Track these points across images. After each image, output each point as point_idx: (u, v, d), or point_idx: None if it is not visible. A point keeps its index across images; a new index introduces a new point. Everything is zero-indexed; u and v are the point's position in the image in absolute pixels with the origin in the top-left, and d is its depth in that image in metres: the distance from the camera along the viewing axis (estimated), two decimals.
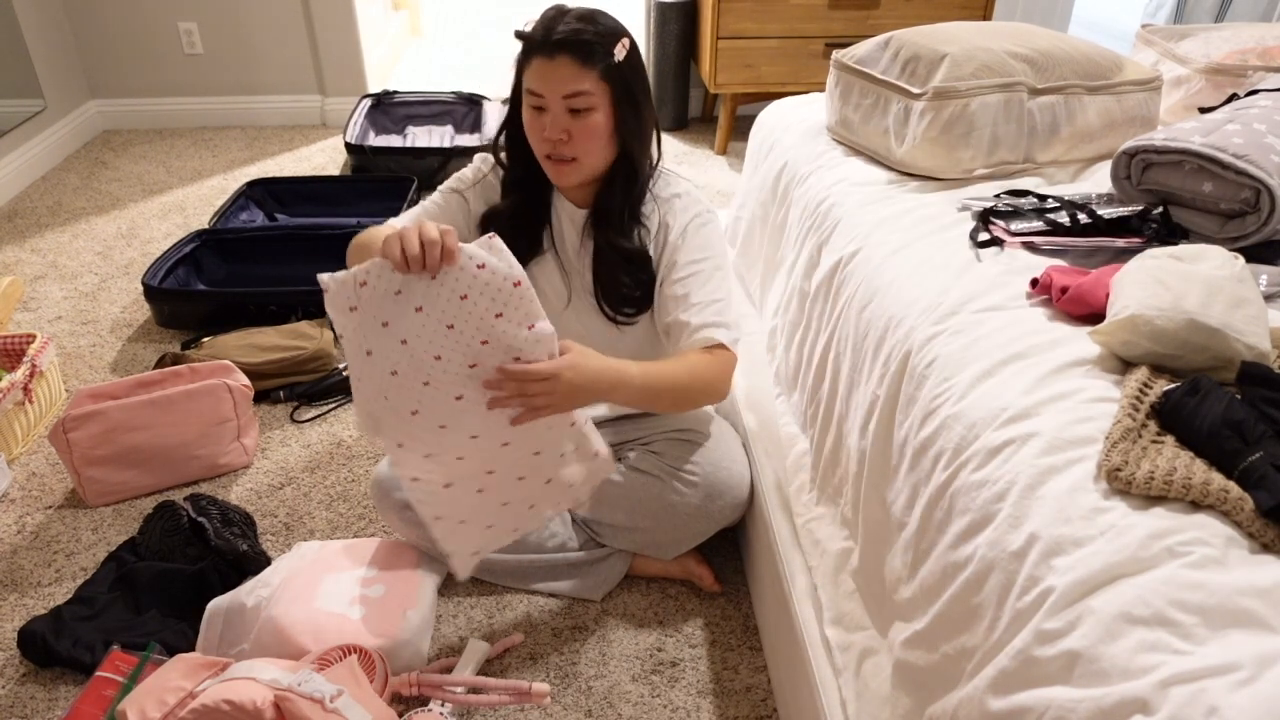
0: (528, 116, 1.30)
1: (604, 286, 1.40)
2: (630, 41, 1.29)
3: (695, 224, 1.39)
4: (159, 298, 2.23)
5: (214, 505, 1.64)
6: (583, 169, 1.32)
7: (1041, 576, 0.74)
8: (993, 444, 0.87)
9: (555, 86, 1.25)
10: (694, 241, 1.38)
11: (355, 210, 2.81)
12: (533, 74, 1.26)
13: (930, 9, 3.07)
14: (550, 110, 1.26)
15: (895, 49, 1.55)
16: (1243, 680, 0.61)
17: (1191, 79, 1.66)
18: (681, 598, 1.53)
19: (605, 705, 1.35)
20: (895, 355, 1.10)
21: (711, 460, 1.45)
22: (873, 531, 1.12)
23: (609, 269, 1.39)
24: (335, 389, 2.04)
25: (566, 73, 1.24)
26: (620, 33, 1.28)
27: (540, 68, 1.25)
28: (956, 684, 0.84)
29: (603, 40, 1.25)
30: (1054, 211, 1.26)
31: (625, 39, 1.28)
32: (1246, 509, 0.73)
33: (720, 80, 3.16)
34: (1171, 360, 0.89)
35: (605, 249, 1.39)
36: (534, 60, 1.26)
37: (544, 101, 1.26)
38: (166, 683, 1.19)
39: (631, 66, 1.29)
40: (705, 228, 1.40)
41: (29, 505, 1.74)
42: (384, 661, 1.30)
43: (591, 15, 1.27)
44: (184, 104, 3.63)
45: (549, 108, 1.26)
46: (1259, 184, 1.12)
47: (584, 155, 1.30)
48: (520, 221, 1.41)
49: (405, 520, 1.48)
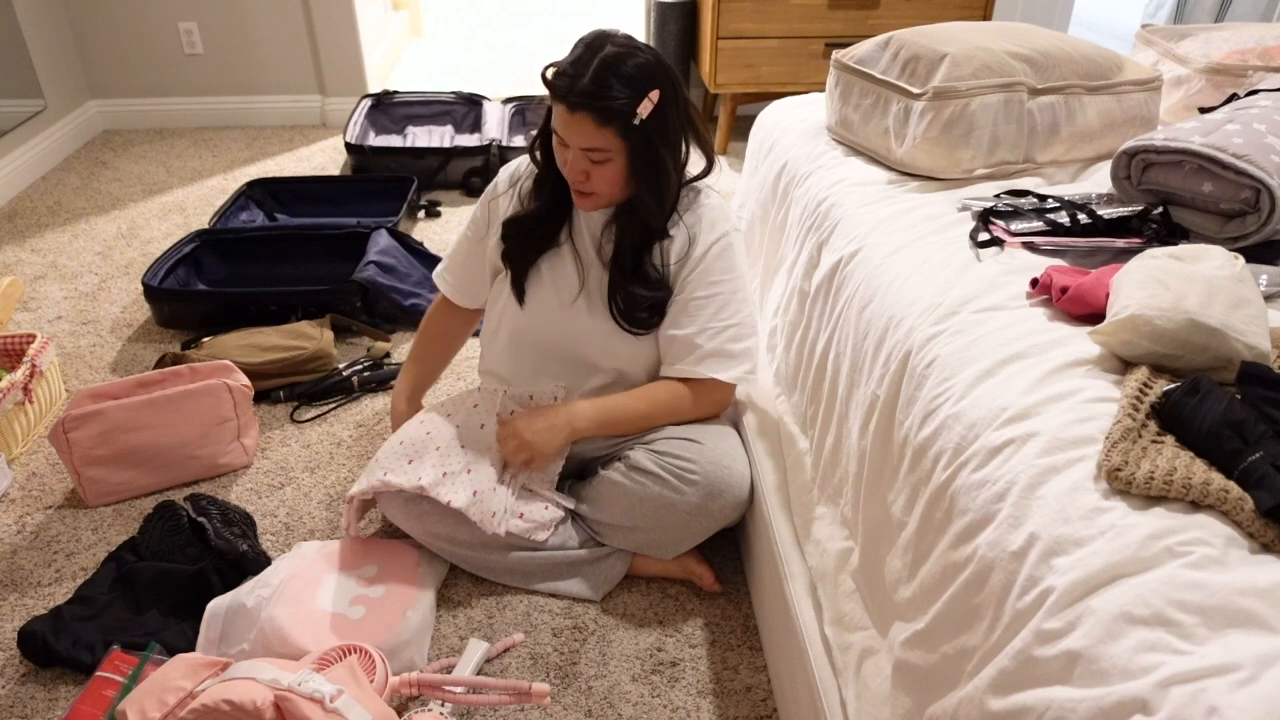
0: (555, 143, 1.37)
1: (621, 293, 1.45)
2: (659, 94, 1.29)
3: (720, 246, 1.45)
4: (159, 298, 2.23)
5: (214, 505, 1.64)
6: (601, 200, 1.40)
7: (1041, 576, 0.74)
8: (993, 444, 0.87)
9: (575, 139, 1.31)
10: (717, 264, 1.45)
11: (355, 210, 2.81)
12: (556, 118, 1.33)
13: (930, 9, 3.07)
14: (571, 152, 1.33)
15: (895, 49, 1.56)
16: (1243, 680, 0.61)
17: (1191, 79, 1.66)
18: (681, 598, 1.53)
19: (605, 705, 1.35)
20: (895, 355, 1.10)
21: (711, 460, 1.45)
22: (873, 531, 1.12)
23: (627, 265, 1.44)
24: (335, 389, 2.04)
25: (586, 129, 1.29)
26: (646, 87, 1.28)
27: (562, 116, 1.31)
28: (956, 684, 0.84)
29: (627, 101, 1.27)
30: (1054, 211, 1.26)
31: (653, 93, 1.29)
32: (1246, 509, 0.73)
33: (720, 80, 3.16)
34: (1172, 360, 0.89)
35: (624, 252, 1.44)
36: (558, 106, 1.31)
37: (565, 144, 1.33)
38: (166, 683, 1.19)
39: (657, 120, 1.31)
40: (730, 250, 1.46)
41: (29, 505, 1.74)
42: (384, 661, 1.30)
43: (619, 64, 1.27)
44: (184, 104, 3.63)
45: (570, 150, 1.34)
46: (1259, 184, 1.12)
47: (603, 190, 1.38)
48: (542, 218, 1.49)
49: (408, 515, 1.48)
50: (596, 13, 5.36)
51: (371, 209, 2.80)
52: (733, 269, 1.46)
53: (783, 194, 1.72)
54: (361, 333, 2.26)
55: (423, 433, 1.49)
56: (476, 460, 1.47)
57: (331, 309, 2.22)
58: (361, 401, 2.03)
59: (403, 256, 2.41)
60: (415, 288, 2.34)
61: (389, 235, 2.45)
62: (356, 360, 2.13)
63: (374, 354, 2.16)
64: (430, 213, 2.95)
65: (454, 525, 1.47)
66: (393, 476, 1.42)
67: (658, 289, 1.44)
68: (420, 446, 1.46)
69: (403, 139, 3.36)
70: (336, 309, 2.23)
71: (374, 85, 3.71)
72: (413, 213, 2.86)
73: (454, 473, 1.44)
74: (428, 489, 1.40)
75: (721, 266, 1.44)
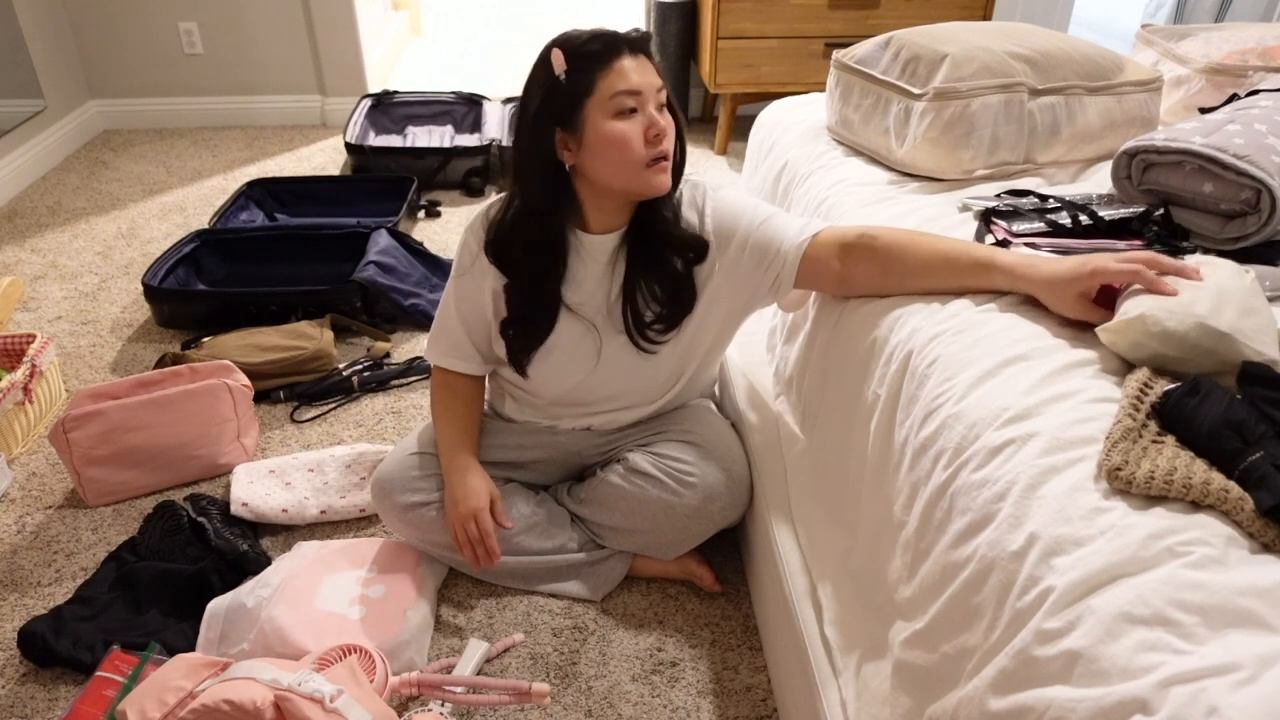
0: (619, 127, 1.22)
1: (634, 313, 1.37)
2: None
3: (711, 203, 1.37)
4: (159, 298, 2.23)
5: (214, 505, 1.64)
6: (669, 168, 1.28)
7: (1041, 576, 0.74)
8: (993, 444, 0.87)
9: (651, 80, 1.23)
10: (724, 209, 1.36)
11: (355, 210, 2.81)
12: (622, 75, 1.21)
13: (930, 9, 3.07)
14: (648, 108, 1.23)
15: (895, 49, 1.55)
16: (1243, 680, 0.61)
17: (1191, 79, 1.66)
18: (681, 598, 1.53)
19: (605, 705, 1.35)
20: (897, 355, 1.10)
21: (710, 461, 1.45)
22: (872, 531, 1.12)
23: (645, 284, 1.36)
24: (335, 389, 2.04)
25: (652, 70, 1.24)
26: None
27: (629, 67, 1.21)
28: (956, 684, 0.84)
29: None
30: (1055, 212, 1.26)
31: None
32: (1247, 509, 0.73)
33: (720, 80, 3.16)
34: (1178, 364, 0.89)
35: (649, 258, 1.35)
36: (618, 63, 1.21)
37: (640, 100, 1.22)
38: (166, 683, 1.19)
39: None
40: (716, 195, 1.38)
41: (29, 505, 1.74)
42: (384, 661, 1.30)
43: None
44: (184, 104, 3.63)
45: (645, 106, 1.23)
46: (1259, 184, 1.12)
47: (672, 152, 1.27)
48: (543, 281, 1.36)
49: (406, 521, 1.48)
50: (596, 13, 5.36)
51: (371, 209, 2.80)
52: (735, 200, 1.37)
53: (783, 194, 1.72)
54: (361, 333, 2.26)
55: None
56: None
57: (331, 309, 2.22)
58: (361, 401, 2.03)
59: (403, 256, 2.41)
60: (415, 288, 2.34)
61: (389, 235, 2.45)
62: (356, 360, 2.13)
63: (374, 354, 2.16)
64: (430, 213, 2.95)
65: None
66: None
67: (695, 252, 1.35)
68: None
69: (403, 139, 3.36)
70: (336, 309, 2.23)
71: (374, 85, 3.71)
72: (413, 213, 2.86)
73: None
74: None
75: (729, 209, 1.36)
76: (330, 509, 1.66)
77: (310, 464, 1.73)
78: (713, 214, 1.37)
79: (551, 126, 1.25)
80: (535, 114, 1.26)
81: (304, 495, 1.68)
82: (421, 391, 2.07)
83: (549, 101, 1.24)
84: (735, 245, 1.35)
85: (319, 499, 1.67)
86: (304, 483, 1.70)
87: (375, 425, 1.96)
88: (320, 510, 1.66)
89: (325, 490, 1.69)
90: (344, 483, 1.70)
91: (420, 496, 1.46)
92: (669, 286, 1.36)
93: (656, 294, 1.36)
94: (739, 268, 1.36)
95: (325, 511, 1.66)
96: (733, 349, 1.76)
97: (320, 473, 1.72)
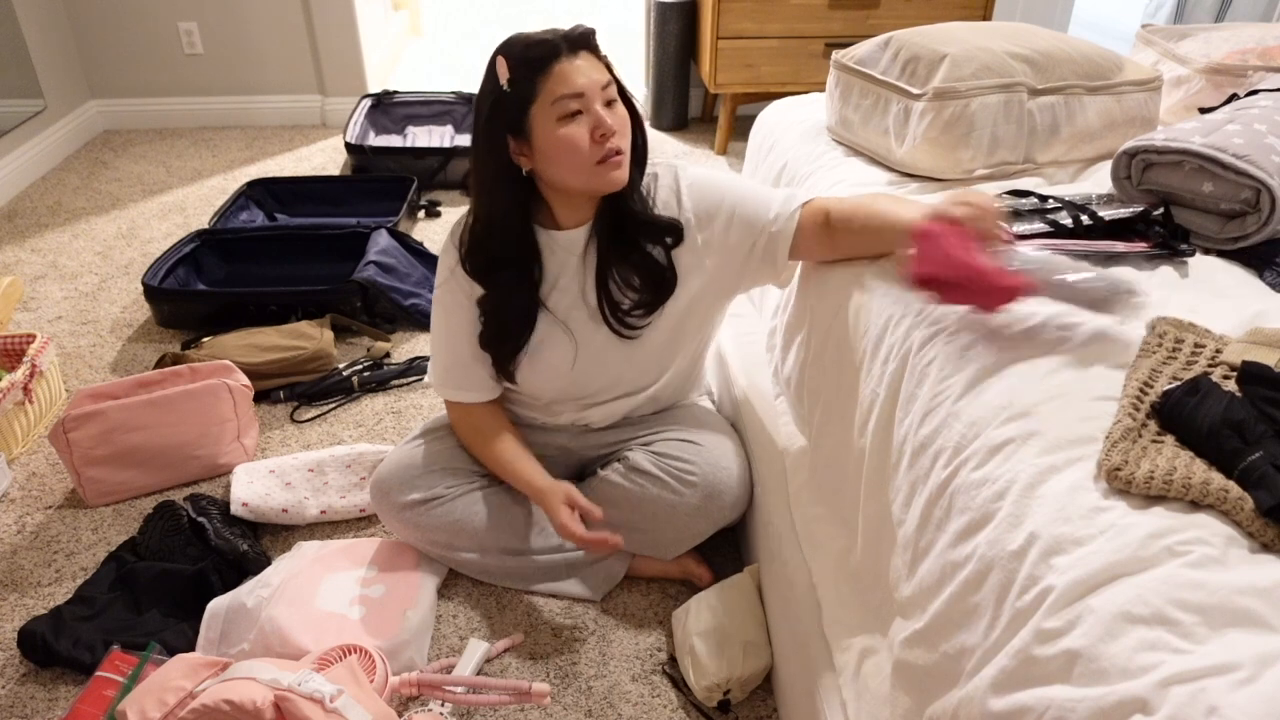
0: (564, 131, 1.22)
1: (610, 301, 1.37)
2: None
3: (686, 182, 1.37)
4: (159, 298, 2.23)
5: (214, 505, 1.64)
6: (626, 161, 1.27)
7: (1041, 575, 0.74)
8: (993, 442, 0.87)
9: (595, 78, 1.22)
10: (702, 187, 1.37)
11: (355, 210, 2.81)
12: (562, 79, 1.21)
13: (930, 9, 3.07)
14: (593, 108, 1.22)
15: (895, 49, 1.55)
16: (1243, 680, 0.61)
17: (1191, 79, 1.66)
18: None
19: (605, 705, 1.35)
20: (895, 353, 1.10)
21: (710, 460, 1.45)
22: (872, 530, 1.12)
23: (619, 272, 1.36)
24: (335, 389, 2.04)
25: (595, 66, 1.23)
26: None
27: (569, 69, 1.21)
28: (956, 683, 0.84)
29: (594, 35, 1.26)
30: (1055, 212, 1.26)
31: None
32: (1246, 508, 0.73)
33: (720, 80, 3.16)
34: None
35: (620, 247, 1.35)
36: (557, 67, 1.21)
37: (584, 102, 1.21)
38: (166, 683, 1.19)
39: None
40: (691, 174, 1.38)
41: (29, 505, 1.74)
42: (384, 661, 1.30)
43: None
44: (184, 104, 3.63)
45: (590, 106, 1.22)
46: (1259, 184, 1.12)
47: (626, 146, 1.27)
48: (516, 291, 1.37)
49: (405, 521, 1.48)
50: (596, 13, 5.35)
51: (371, 209, 2.80)
52: (712, 181, 1.37)
53: None
54: (361, 333, 2.26)
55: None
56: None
57: (331, 309, 2.22)
58: (361, 401, 2.03)
59: (403, 256, 2.41)
60: (415, 288, 2.34)
61: (389, 235, 2.45)
62: (356, 360, 2.13)
63: (374, 354, 2.16)
64: (430, 213, 2.95)
65: (451, 533, 1.47)
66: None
67: (670, 236, 1.35)
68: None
69: (403, 139, 3.37)
70: (336, 309, 2.23)
71: (374, 85, 3.71)
72: (413, 213, 2.86)
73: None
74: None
75: (708, 189, 1.36)
76: (330, 509, 1.66)
77: (310, 464, 1.73)
78: (690, 193, 1.37)
79: (503, 134, 1.25)
80: (486, 123, 1.26)
81: (304, 495, 1.68)
82: (421, 392, 2.07)
83: (497, 110, 1.25)
84: (722, 219, 1.36)
85: (319, 499, 1.67)
86: (304, 483, 1.70)
87: (375, 425, 1.96)
88: (320, 510, 1.66)
89: (325, 490, 1.69)
90: (344, 483, 1.70)
91: (419, 495, 1.46)
92: (644, 272, 1.36)
93: (632, 281, 1.36)
94: (728, 239, 1.36)
95: (325, 511, 1.66)
96: (733, 349, 1.76)
97: (320, 473, 1.72)
